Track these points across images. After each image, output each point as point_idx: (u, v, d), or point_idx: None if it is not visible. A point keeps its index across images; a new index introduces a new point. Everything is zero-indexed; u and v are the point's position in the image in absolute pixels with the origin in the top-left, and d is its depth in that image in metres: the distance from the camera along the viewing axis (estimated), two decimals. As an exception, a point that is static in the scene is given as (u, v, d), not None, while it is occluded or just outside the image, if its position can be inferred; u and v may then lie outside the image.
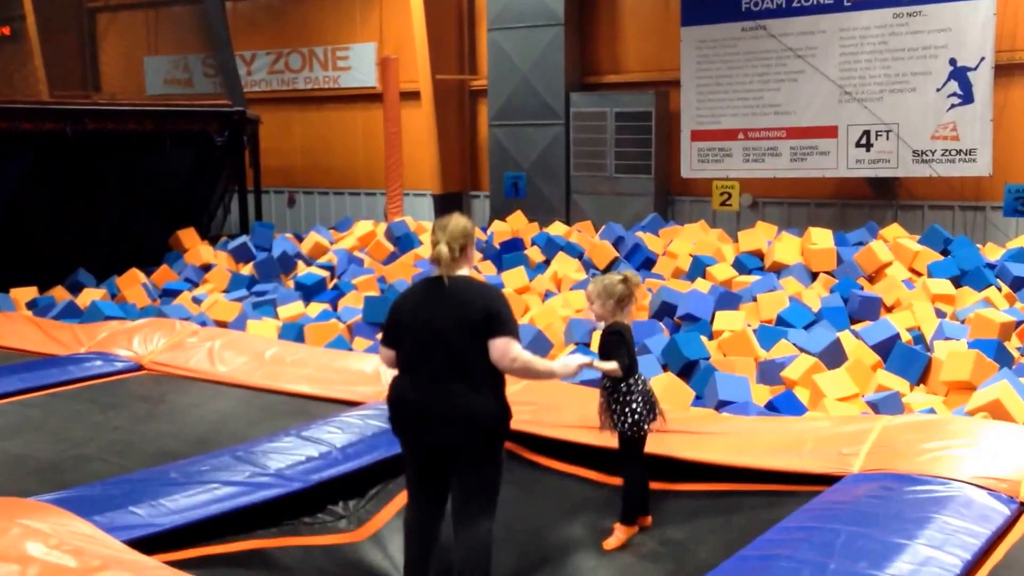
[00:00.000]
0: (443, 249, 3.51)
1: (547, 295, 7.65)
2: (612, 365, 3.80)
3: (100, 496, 3.75)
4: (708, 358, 5.88)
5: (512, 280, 7.94)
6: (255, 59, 14.80)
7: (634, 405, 3.82)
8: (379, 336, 3.85)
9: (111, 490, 3.82)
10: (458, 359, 3.46)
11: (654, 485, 4.00)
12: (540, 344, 6.41)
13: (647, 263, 8.41)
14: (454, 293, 3.51)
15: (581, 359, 3.66)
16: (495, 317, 3.46)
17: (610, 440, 3.98)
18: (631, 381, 3.84)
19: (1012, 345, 5.87)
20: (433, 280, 3.57)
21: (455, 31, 13.17)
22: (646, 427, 3.85)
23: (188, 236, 9.99)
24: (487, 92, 12.48)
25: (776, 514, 3.64)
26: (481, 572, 3.49)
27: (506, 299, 3.56)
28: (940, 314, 6.54)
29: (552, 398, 4.93)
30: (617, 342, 3.84)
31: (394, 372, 3.64)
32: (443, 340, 3.47)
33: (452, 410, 3.45)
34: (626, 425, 3.83)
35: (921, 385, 5.65)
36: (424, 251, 9.20)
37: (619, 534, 3.84)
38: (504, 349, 3.43)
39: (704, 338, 6.19)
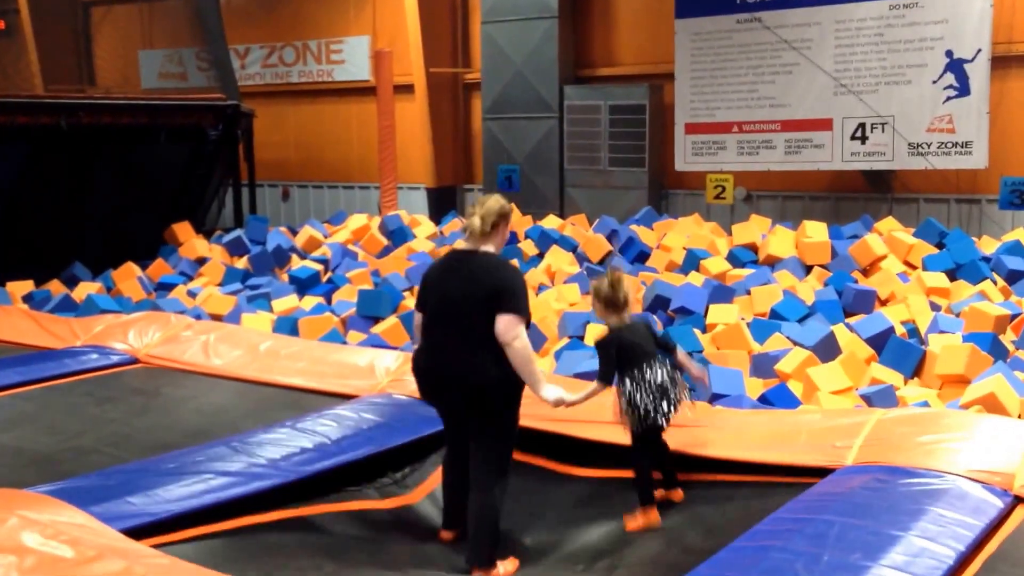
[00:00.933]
0: (476, 221, 3.75)
1: (540, 288, 7.65)
2: (582, 395, 3.83)
3: (96, 487, 3.76)
4: (702, 351, 5.88)
5: (507, 273, 7.93)
6: (249, 52, 14.75)
7: (638, 399, 3.81)
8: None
9: (107, 480, 3.84)
10: (465, 326, 3.65)
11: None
12: (534, 337, 6.40)
13: (641, 256, 8.42)
14: (475, 266, 3.72)
15: (564, 399, 3.73)
16: (506, 292, 3.65)
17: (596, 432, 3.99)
18: (635, 373, 3.81)
19: (1007, 338, 5.88)
20: (459, 252, 3.84)
21: (448, 24, 13.14)
22: (659, 420, 3.83)
23: (183, 230, 9.97)
24: (481, 85, 12.46)
25: (769, 504, 3.66)
26: (488, 531, 3.67)
27: (524, 283, 3.75)
28: (935, 307, 6.55)
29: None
30: (600, 353, 3.90)
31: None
32: (454, 308, 3.68)
33: (455, 374, 3.68)
34: (637, 418, 3.82)
35: (915, 378, 5.66)
36: (417, 244, 9.20)
37: (638, 515, 3.88)
38: (509, 324, 3.62)
39: (698, 331, 6.20)
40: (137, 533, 3.43)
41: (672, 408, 3.86)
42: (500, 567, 3.68)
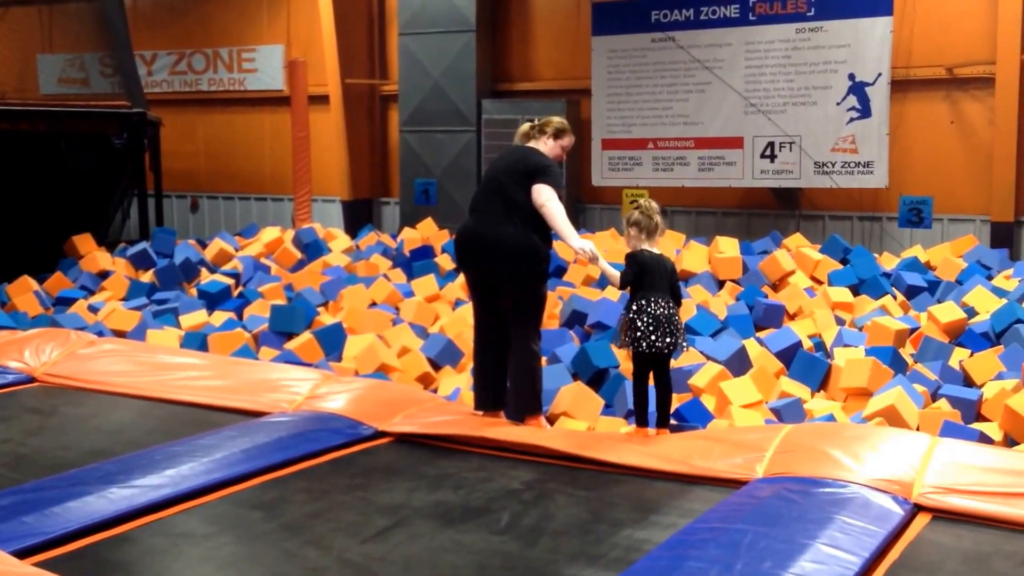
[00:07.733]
0: (524, 125, 4.74)
1: (457, 303, 7.62)
2: (612, 270, 4.40)
3: (-14, 510, 3.57)
4: (618, 367, 5.93)
5: (422, 288, 7.88)
6: (156, 59, 14.37)
7: (639, 323, 4.24)
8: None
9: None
10: (505, 201, 4.47)
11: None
12: (450, 353, 6.37)
13: (558, 271, 8.46)
14: (519, 153, 4.65)
15: (595, 250, 4.36)
16: (540, 169, 4.50)
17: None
18: (642, 302, 4.27)
19: (906, 352, 6.10)
20: (513, 145, 4.77)
21: (365, 35, 13.04)
22: (644, 346, 4.25)
23: (84, 242, 9.59)
24: (398, 97, 12.40)
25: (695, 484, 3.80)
26: (527, 381, 4.50)
27: (558, 169, 4.62)
28: (840, 321, 6.76)
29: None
30: (628, 263, 4.39)
31: None
32: (497, 184, 4.55)
33: (493, 239, 4.45)
34: (629, 339, 4.29)
35: (822, 391, 5.82)
36: (332, 258, 9.07)
37: (633, 429, 4.51)
38: (540, 190, 4.45)
39: (614, 347, 6.24)
40: (32, 551, 3.27)
41: (662, 342, 4.21)
42: (541, 419, 4.38)
